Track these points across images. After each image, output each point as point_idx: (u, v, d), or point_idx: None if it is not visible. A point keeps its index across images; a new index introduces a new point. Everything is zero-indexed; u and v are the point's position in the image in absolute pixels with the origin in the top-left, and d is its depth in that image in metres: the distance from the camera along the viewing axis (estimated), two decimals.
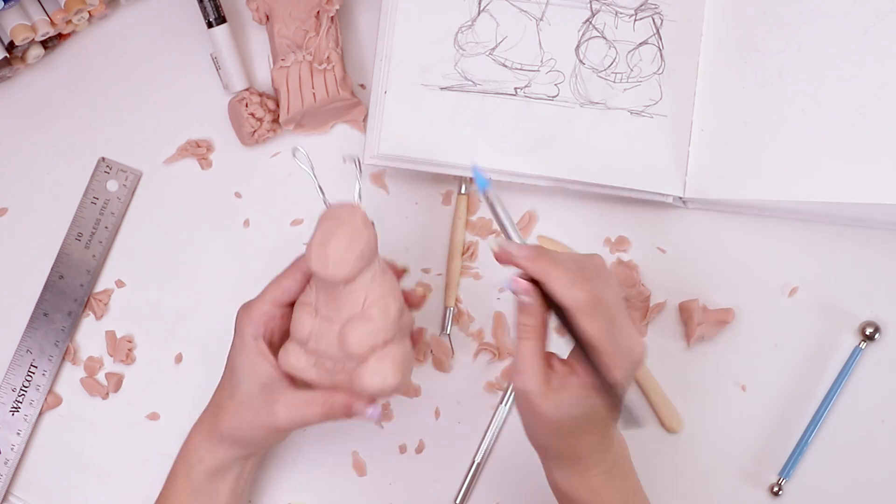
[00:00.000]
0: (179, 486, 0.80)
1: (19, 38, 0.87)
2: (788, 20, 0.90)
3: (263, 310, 0.77)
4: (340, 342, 0.73)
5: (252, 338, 0.77)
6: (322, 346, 0.75)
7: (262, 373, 0.77)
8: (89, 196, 0.91)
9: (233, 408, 0.78)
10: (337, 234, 0.72)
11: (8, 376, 0.89)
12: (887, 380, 0.91)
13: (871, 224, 0.91)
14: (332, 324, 0.74)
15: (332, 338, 0.74)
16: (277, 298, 0.78)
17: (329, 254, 0.72)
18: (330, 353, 0.75)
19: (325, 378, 0.76)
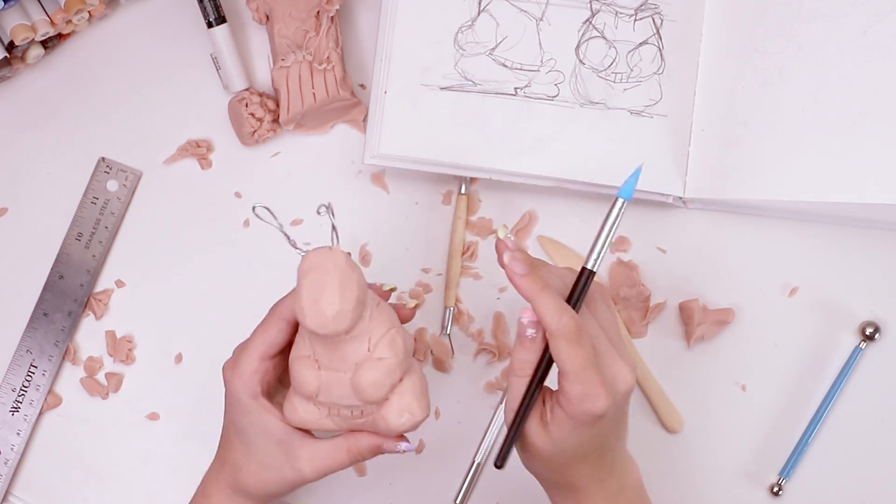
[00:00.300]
0: None
1: (19, 37, 0.86)
2: (788, 20, 0.89)
3: (254, 367, 0.75)
4: (356, 391, 0.71)
5: (251, 398, 0.75)
6: (334, 396, 0.72)
7: (273, 430, 0.75)
8: (89, 196, 0.91)
9: (253, 468, 0.77)
10: (328, 287, 0.69)
11: (8, 376, 0.88)
12: (887, 380, 0.91)
13: (871, 224, 0.91)
14: (339, 374, 0.72)
15: (343, 387, 0.72)
16: (265, 353, 0.76)
17: (325, 310, 0.69)
18: (345, 401, 0.73)
19: (343, 424, 0.74)
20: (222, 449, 0.79)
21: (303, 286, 0.69)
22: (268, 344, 0.75)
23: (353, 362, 0.71)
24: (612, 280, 0.91)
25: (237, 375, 0.75)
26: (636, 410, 0.89)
